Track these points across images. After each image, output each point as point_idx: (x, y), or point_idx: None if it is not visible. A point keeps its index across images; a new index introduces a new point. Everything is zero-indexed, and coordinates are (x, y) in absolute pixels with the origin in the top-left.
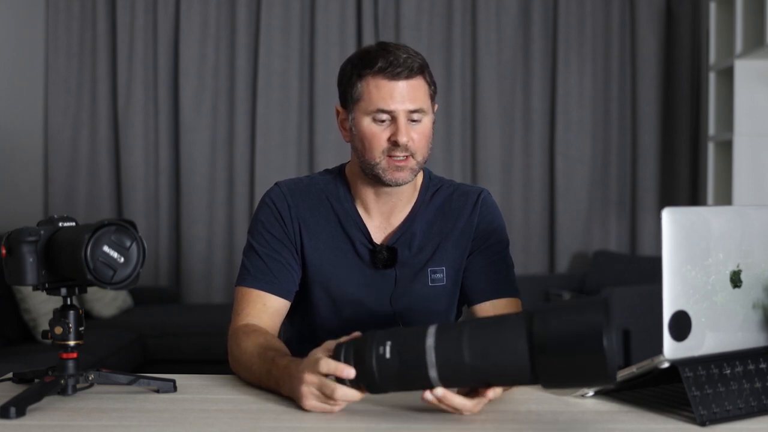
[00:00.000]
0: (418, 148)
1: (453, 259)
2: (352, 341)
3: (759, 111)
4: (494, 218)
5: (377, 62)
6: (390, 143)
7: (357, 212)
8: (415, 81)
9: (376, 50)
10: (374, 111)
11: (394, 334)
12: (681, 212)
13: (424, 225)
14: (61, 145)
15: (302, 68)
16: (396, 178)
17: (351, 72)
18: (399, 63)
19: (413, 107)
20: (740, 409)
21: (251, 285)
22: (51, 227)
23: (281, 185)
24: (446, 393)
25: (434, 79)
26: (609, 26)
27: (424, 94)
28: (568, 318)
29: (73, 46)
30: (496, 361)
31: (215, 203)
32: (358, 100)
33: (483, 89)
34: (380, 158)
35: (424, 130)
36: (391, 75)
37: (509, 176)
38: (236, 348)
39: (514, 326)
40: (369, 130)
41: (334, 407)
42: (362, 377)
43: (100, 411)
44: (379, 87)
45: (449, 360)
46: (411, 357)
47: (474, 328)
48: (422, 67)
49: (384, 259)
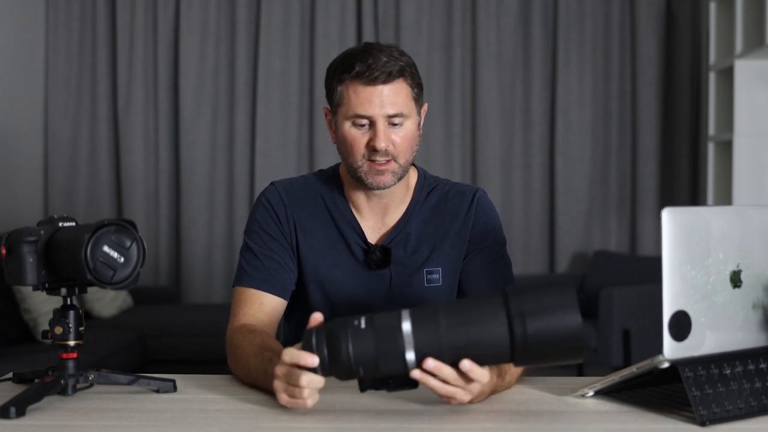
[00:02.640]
0: (400, 152)
1: (449, 260)
2: (322, 326)
3: (759, 111)
4: (490, 218)
5: (355, 67)
6: (369, 149)
7: (351, 212)
8: (394, 85)
9: (357, 53)
10: (353, 116)
11: (367, 314)
12: (681, 212)
13: (420, 225)
14: (61, 145)
15: (302, 68)
16: (377, 182)
17: (333, 76)
18: (377, 67)
19: (393, 111)
20: (740, 409)
21: (248, 284)
22: (51, 227)
23: (277, 185)
24: (437, 363)
25: (419, 80)
26: (609, 26)
27: (405, 98)
28: (543, 292)
29: (73, 46)
30: (474, 338)
31: (215, 203)
32: (339, 105)
33: (483, 89)
34: (361, 162)
35: (406, 134)
36: (368, 80)
37: (509, 176)
38: (234, 348)
39: (491, 303)
40: (349, 134)
41: (306, 401)
42: (336, 359)
43: (100, 411)
44: (357, 92)
45: (426, 341)
46: (387, 337)
47: (449, 308)
48: (402, 70)
49: (377, 260)
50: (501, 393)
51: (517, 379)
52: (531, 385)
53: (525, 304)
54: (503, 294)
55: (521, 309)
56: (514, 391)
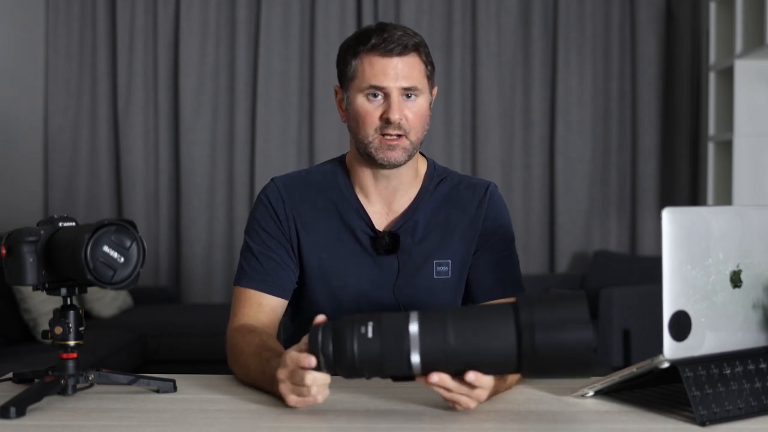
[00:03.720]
0: (412, 127)
1: (459, 253)
2: (329, 323)
3: (759, 111)
4: (501, 214)
5: (371, 39)
6: (383, 121)
7: (357, 199)
8: (409, 58)
9: (373, 29)
10: (367, 88)
11: (375, 316)
12: (681, 212)
13: (428, 214)
14: (61, 145)
15: (302, 68)
16: (388, 158)
17: (347, 50)
18: (393, 39)
19: (407, 84)
20: (740, 409)
21: (247, 284)
22: (51, 227)
23: (276, 181)
24: (443, 377)
25: (432, 60)
26: (609, 26)
27: (419, 73)
28: (554, 304)
29: (73, 46)
30: (481, 346)
31: (215, 203)
32: (353, 78)
33: (483, 89)
34: (373, 137)
35: (419, 110)
36: (383, 51)
37: (509, 176)
38: (233, 348)
39: (501, 312)
40: (362, 107)
41: (316, 397)
42: (341, 359)
43: (100, 411)
44: (373, 64)
45: (433, 346)
46: (393, 340)
47: (458, 315)
48: (417, 45)
49: (386, 244)
50: (501, 393)
51: (518, 380)
52: (531, 385)
53: (535, 315)
54: (514, 304)
55: (531, 320)
56: (514, 391)
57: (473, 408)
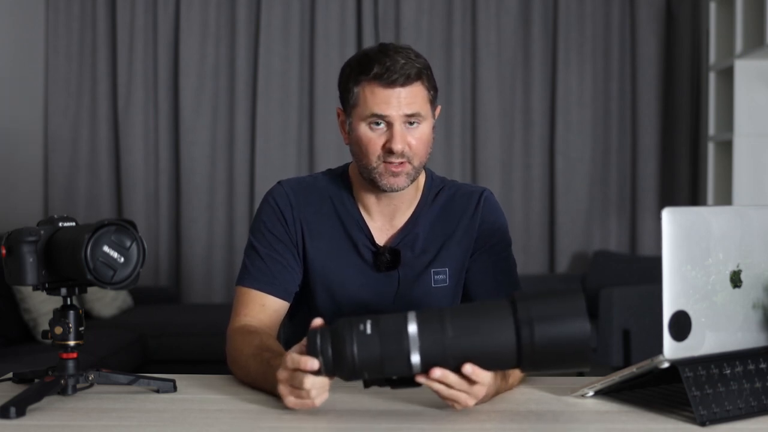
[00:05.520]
0: (415, 154)
1: (456, 260)
2: (326, 326)
3: (759, 111)
4: (496, 218)
5: (373, 68)
6: (385, 150)
7: (360, 214)
8: (412, 87)
9: (375, 54)
10: (369, 116)
11: (373, 316)
12: (681, 212)
13: (427, 226)
14: (61, 145)
15: (302, 68)
16: (392, 184)
17: (348, 77)
18: (395, 69)
19: (410, 111)
20: (740, 409)
21: (250, 285)
22: (51, 227)
23: (284, 184)
24: (444, 372)
25: (435, 83)
26: (609, 26)
27: (422, 100)
28: (551, 298)
29: (73, 46)
30: (480, 343)
31: (215, 203)
32: (355, 106)
33: (483, 89)
34: (377, 163)
35: (422, 135)
36: (387, 82)
37: (509, 176)
38: (233, 349)
39: (498, 307)
40: (365, 135)
41: (314, 400)
42: (340, 361)
43: (100, 411)
44: (375, 93)
45: (432, 345)
46: (392, 342)
47: (456, 312)
48: (420, 73)
49: (387, 262)
50: (503, 393)
51: (520, 380)
52: (531, 385)
53: (533, 310)
54: (511, 299)
55: (529, 315)
56: (514, 391)
57: (472, 406)
